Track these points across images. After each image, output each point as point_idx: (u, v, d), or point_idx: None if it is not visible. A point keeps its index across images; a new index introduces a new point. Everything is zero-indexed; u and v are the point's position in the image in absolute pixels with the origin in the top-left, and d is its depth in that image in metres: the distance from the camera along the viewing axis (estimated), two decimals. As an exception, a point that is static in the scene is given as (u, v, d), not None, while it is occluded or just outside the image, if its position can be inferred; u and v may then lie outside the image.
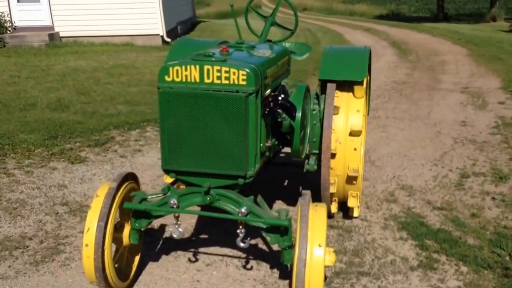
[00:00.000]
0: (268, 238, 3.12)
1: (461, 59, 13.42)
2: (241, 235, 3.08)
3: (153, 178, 5.35)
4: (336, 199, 4.30)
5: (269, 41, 4.90)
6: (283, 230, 3.03)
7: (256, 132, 3.01)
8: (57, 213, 4.47)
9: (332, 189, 4.09)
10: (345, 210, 4.46)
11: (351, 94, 4.11)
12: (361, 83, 4.07)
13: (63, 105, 8.23)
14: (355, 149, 4.02)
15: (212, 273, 3.60)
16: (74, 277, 3.51)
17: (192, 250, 3.90)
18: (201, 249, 3.92)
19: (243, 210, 3.04)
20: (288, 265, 3.67)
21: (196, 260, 3.77)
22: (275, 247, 3.98)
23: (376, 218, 4.53)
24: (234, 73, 2.86)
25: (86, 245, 2.95)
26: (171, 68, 2.93)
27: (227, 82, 2.88)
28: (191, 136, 2.97)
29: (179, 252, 3.86)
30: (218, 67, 2.87)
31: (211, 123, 2.92)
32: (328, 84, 4.01)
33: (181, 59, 3.07)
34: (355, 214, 4.43)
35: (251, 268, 3.69)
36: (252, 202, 3.11)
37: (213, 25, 20.78)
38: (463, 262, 3.81)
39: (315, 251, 2.75)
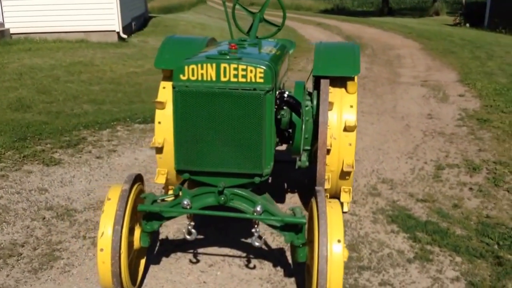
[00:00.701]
0: (283, 236, 3.13)
1: (415, 53, 13.78)
2: (256, 234, 3.08)
3: (135, 179, 5.25)
4: (328, 194, 4.35)
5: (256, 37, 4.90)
6: (297, 228, 3.04)
7: (271, 130, 3.01)
8: (44, 218, 4.33)
9: (327, 185, 4.13)
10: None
11: (343, 89, 4.16)
12: (353, 79, 4.14)
13: (24, 105, 7.96)
14: (350, 144, 4.08)
15: (216, 274, 3.58)
16: (78, 284, 3.42)
17: (191, 251, 3.87)
18: (200, 250, 3.88)
19: (258, 208, 3.03)
20: (291, 263, 3.72)
21: (198, 261, 3.74)
22: (274, 245, 4.01)
23: (364, 212, 4.61)
24: (251, 71, 2.86)
25: (101, 250, 2.88)
26: (186, 67, 2.90)
27: (244, 80, 2.87)
28: (207, 135, 2.94)
29: (179, 254, 3.82)
30: (235, 65, 2.86)
31: (228, 122, 2.91)
32: (322, 80, 4.04)
33: (194, 57, 3.05)
34: (345, 209, 4.49)
35: (254, 267, 3.69)
36: (266, 200, 3.12)
37: (165, 21, 20.51)
38: (456, 253, 3.93)
39: (335, 247, 2.79)
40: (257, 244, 3.08)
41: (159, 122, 4.20)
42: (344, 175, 4.16)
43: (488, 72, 10.93)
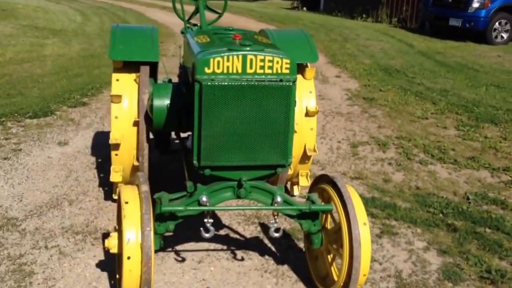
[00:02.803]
0: (301, 225, 3.14)
1: (276, 36, 14.22)
2: (275, 225, 3.05)
3: (62, 180, 4.83)
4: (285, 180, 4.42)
5: (195, 25, 4.79)
6: (314, 215, 3.08)
7: (294, 120, 2.99)
8: (-15, 231, 3.83)
9: (290, 171, 4.20)
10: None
11: (300, 76, 4.24)
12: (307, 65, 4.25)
13: None
14: (311, 129, 4.18)
15: (210, 270, 3.48)
16: (72, 299, 3.11)
17: (170, 249, 3.70)
18: (178, 247, 3.73)
19: (278, 199, 3.01)
20: (275, 250, 3.74)
21: (183, 259, 3.59)
22: (248, 234, 3.98)
23: (312, 193, 4.75)
24: (277, 62, 2.82)
25: (128, 258, 2.65)
26: (211, 59, 2.77)
27: (270, 71, 2.82)
28: (233, 129, 2.84)
29: (160, 254, 3.62)
30: (262, 57, 2.80)
31: (255, 114, 2.84)
32: None
33: (211, 49, 2.90)
34: (296, 192, 4.60)
35: (243, 259, 3.64)
36: (283, 190, 3.10)
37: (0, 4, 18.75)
38: (413, 225, 4.24)
39: (364, 230, 2.89)
40: (276, 235, 3.06)
41: (116, 117, 3.93)
42: (304, 159, 4.26)
43: (350, 54, 11.72)
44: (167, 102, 3.66)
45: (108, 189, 4.62)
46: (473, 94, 8.58)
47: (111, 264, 3.39)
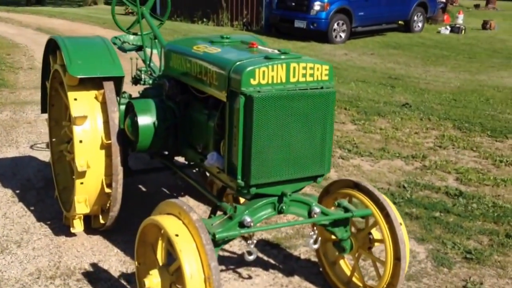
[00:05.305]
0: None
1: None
2: (314, 236, 2.94)
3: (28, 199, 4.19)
4: None
5: (135, 34, 4.52)
6: (346, 222, 3.03)
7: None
8: None
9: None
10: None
11: None
12: None
13: None
14: None
15: (226, 293, 3.27)
16: None
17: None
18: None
19: (317, 210, 2.91)
20: (275, 263, 3.64)
21: (191, 287, 3.31)
22: (236, 249, 3.81)
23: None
24: (318, 69, 2.76)
25: (192, 295, 2.38)
26: (257, 70, 2.61)
27: (311, 79, 2.74)
28: (279, 141, 2.70)
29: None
30: (304, 64, 2.71)
31: (299, 124, 2.73)
32: None
33: (245, 59, 2.72)
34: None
35: (250, 277, 3.46)
36: (316, 200, 3.00)
37: None
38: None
39: (403, 230, 2.94)
40: (315, 246, 2.96)
41: (80, 141, 3.50)
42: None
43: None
44: (153, 120, 3.36)
45: (51, 222, 4.12)
46: (349, 90, 9.13)
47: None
